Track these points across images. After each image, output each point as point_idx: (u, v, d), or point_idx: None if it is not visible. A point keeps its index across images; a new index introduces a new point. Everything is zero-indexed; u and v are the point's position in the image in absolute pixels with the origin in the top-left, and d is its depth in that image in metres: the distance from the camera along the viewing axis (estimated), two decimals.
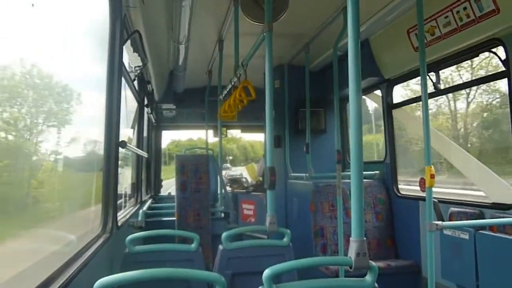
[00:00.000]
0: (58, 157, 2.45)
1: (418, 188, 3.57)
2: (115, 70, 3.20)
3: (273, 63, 3.64)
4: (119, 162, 3.46)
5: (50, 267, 1.91)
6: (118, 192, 3.34)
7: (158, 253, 3.14)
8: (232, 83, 4.97)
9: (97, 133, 3.25)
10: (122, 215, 4.39)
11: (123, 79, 3.52)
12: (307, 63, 5.94)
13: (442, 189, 5.28)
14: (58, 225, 2.49)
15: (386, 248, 5.33)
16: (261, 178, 8.03)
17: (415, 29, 4.43)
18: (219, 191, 6.75)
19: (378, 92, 5.73)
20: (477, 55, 4.16)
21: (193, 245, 3.19)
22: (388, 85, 5.44)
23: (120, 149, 3.33)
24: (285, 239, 3.25)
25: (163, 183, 9.02)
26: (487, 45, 3.85)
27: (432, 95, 4.46)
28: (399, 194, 5.40)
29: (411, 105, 5.73)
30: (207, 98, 7.73)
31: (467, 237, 3.76)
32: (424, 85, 3.52)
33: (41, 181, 2.17)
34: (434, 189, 3.47)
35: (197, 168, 5.50)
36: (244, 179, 8.90)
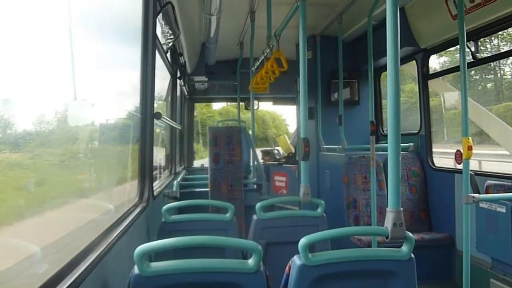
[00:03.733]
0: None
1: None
2: (149, 42, 3.22)
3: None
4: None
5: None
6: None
7: (193, 223, 3.21)
8: (265, 54, 4.94)
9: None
10: (157, 186, 4.49)
11: (156, 51, 3.55)
12: (340, 33, 5.84)
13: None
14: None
15: (419, 220, 5.29)
16: (293, 150, 8.03)
17: None
18: (251, 163, 6.80)
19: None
20: None
21: (228, 215, 3.24)
22: (424, 55, 5.29)
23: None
24: (319, 210, 3.27)
25: None
26: None
27: (471, 65, 4.33)
28: (433, 167, 5.32)
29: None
30: (239, 70, 7.72)
31: (504, 210, 3.69)
32: (463, 55, 3.42)
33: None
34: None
35: (230, 140, 5.54)
36: (276, 151, 8.92)
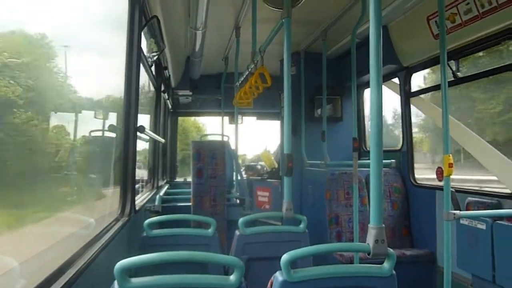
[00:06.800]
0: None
1: None
2: (134, 55, 3.22)
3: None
4: None
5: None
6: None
7: (175, 237, 3.18)
8: (249, 69, 4.97)
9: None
10: (139, 200, 4.44)
11: (141, 64, 3.54)
12: (324, 50, 5.90)
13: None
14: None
15: (401, 237, 5.32)
16: (277, 165, 8.04)
17: (435, 16, 4.36)
18: (234, 178, 6.77)
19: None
20: (499, 43, 4.08)
21: (210, 230, 3.22)
22: (406, 73, 5.38)
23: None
24: (301, 225, 3.27)
25: None
26: (510, 33, 3.78)
27: (451, 84, 4.40)
28: (415, 183, 5.37)
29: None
30: (223, 84, 7.73)
31: (484, 227, 3.73)
32: (444, 73, 3.48)
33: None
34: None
35: (213, 155, 5.52)
36: (259, 166, 8.91)
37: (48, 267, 1.66)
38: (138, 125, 3.32)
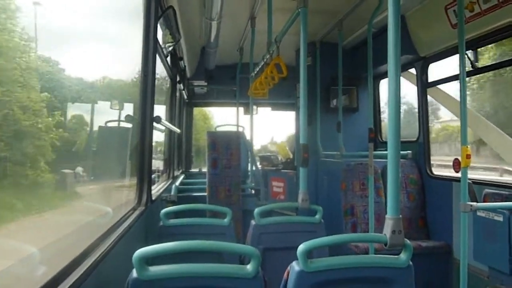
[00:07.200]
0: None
1: None
2: (150, 46, 3.23)
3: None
4: None
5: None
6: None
7: (191, 227, 3.21)
8: (265, 59, 4.95)
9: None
10: (155, 190, 4.48)
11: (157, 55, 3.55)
12: (340, 40, 5.85)
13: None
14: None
15: (417, 228, 5.29)
16: (291, 156, 8.04)
17: (453, 5, 4.29)
18: (249, 168, 6.79)
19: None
20: None
21: (226, 220, 3.25)
22: (423, 63, 5.31)
23: None
24: (317, 216, 3.27)
25: None
26: None
27: (470, 74, 4.34)
28: (431, 175, 5.32)
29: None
30: (238, 75, 7.73)
31: (501, 219, 3.68)
32: (462, 63, 3.43)
33: None
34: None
35: (228, 145, 5.54)
36: (273, 157, 8.92)
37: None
38: (154, 116, 3.34)
